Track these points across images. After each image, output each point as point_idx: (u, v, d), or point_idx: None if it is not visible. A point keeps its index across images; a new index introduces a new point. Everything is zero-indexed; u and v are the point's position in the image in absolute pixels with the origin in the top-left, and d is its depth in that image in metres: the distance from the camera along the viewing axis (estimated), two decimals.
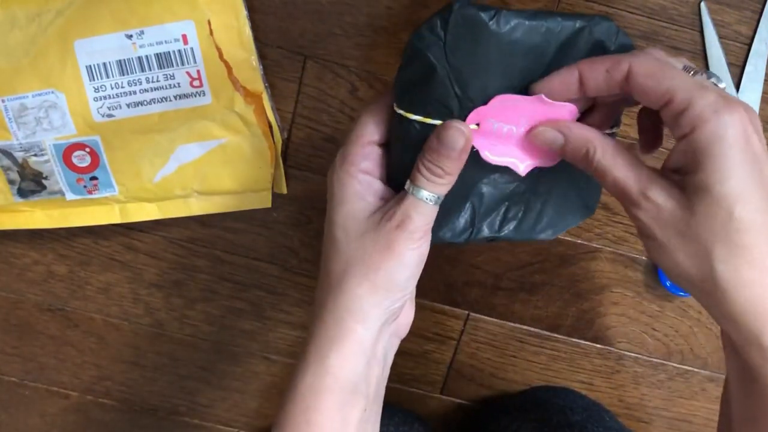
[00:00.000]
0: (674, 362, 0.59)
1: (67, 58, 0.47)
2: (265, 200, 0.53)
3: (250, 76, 0.49)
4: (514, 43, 0.37)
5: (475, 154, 0.39)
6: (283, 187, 0.53)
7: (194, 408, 0.64)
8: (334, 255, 0.39)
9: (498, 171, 0.40)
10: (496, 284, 0.57)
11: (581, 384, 0.61)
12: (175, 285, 0.58)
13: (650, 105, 0.35)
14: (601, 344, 0.59)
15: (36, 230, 0.55)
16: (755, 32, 0.47)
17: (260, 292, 0.58)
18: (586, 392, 0.61)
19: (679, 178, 0.35)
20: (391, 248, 0.37)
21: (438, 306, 0.58)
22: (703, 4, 0.47)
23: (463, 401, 0.63)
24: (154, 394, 0.64)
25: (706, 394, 0.60)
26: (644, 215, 0.35)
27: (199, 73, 0.47)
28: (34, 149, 0.49)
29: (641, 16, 0.47)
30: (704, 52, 0.48)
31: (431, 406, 0.63)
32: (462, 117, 0.38)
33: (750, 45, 0.48)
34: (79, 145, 0.49)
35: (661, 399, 0.61)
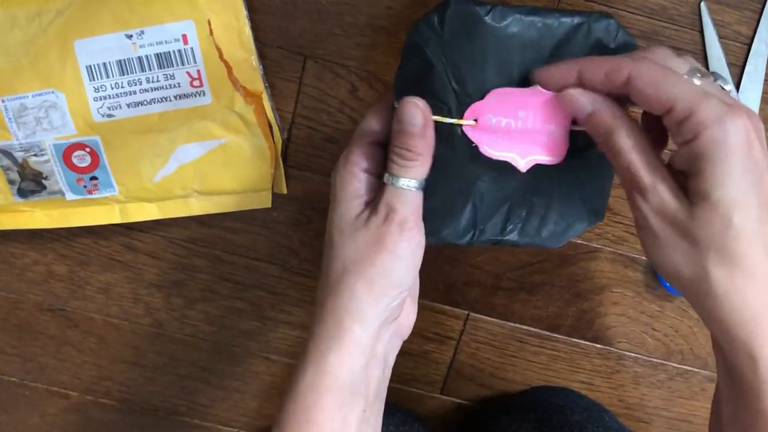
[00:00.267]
0: (674, 362, 0.59)
1: (67, 58, 0.47)
2: (265, 200, 0.53)
3: (250, 76, 0.49)
4: (511, 39, 0.37)
5: (474, 150, 0.38)
6: (283, 187, 0.53)
7: (194, 408, 0.64)
8: (331, 254, 0.39)
9: (499, 169, 0.39)
10: (496, 284, 0.57)
11: (581, 384, 0.61)
12: (175, 285, 0.58)
13: (651, 111, 0.35)
14: (601, 344, 0.59)
15: (36, 230, 0.55)
16: (755, 32, 0.47)
17: (260, 292, 0.58)
18: (586, 392, 0.61)
19: (683, 180, 0.35)
20: (382, 243, 0.37)
21: (438, 306, 0.58)
22: (703, 4, 0.47)
23: (463, 401, 0.63)
24: (154, 394, 0.63)
25: (706, 394, 0.60)
26: (648, 207, 0.35)
27: (199, 73, 0.47)
28: (34, 149, 0.49)
29: (641, 16, 0.47)
30: (704, 52, 0.48)
31: (431, 406, 0.63)
32: (460, 112, 0.38)
33: (750, 45, 0.48)
34: (79, 145, 0.49)
35: (661, 399, 0.61)
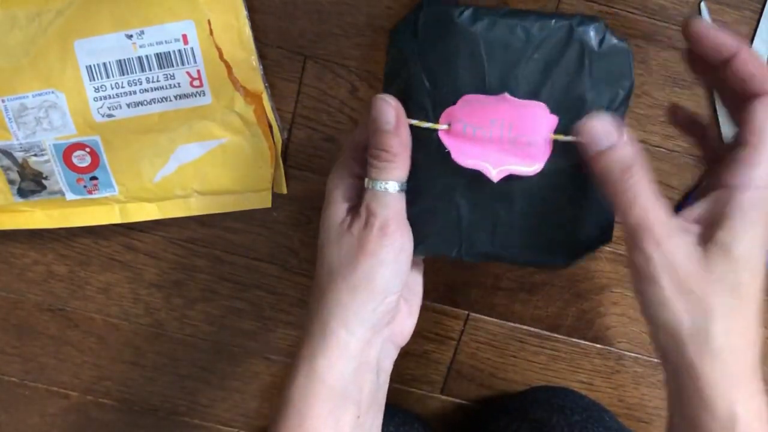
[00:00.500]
0: None
1: (67, 58, 0.47)
2: (265, 200, 0.53)
3: (250, 76, 0.49)
4: (486, 41, 0.36)
5: (449, 158, 0.38)
6: (283, 187, 0.53)
7: (194, 408, 0.64)
8: (318, 259, 0.39)
9: (477, 178, 0.38)
10: (496, 284, 0.57)
11: (581, 384, 0.61)
12: (175, 285, 0.58)
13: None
14: (601, 344, 0.59)
15: (36, 230, 0.55)
16: (755, 32, 0.47)
17: (260, 292, 0.58)
18: (586, 392, 0.61)
19: (698, 230, 0.34)
20: (364, 248, 0.36)
21: (438, 306, 0.58)
22: (703, 4, 0.47)
23: (463, 401, 0.63)
24: (154, 394, 0.64)
25: None
26: (659, 257, 0.33)
27: (199, 73, 0.47)
28: (34, 149, 0.49)
29: (641, 16, 0.47)
30: None
31: (431, 406, 0.63)
32: (436, 116, 0.37)
33: (750, 45, 0.48)
34: (79, 145, 0.49)
35: (661, 399, 0.61)
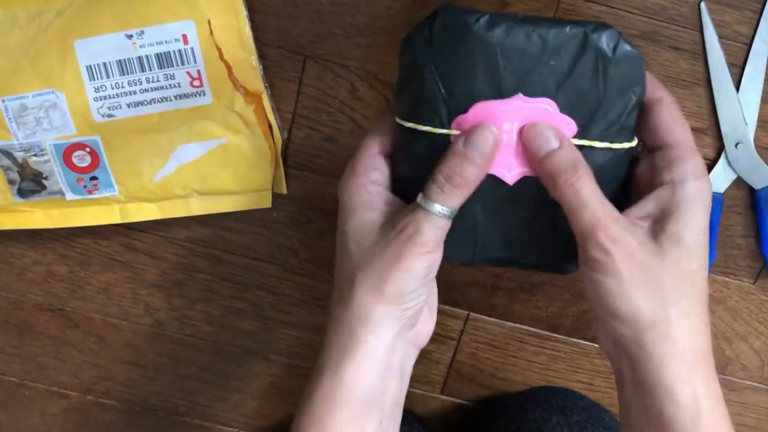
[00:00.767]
0: None
1: (67, 58, 0.47)
2: (265, 200, 0.53)
3: (250, 76, 0.49)
4: (501, 47, 0.36)
5: None
6: (283, 187, 0.53)
7: (194, 408, 0.64)
8: (345, 265, 0.39)
9: (492, 184, 0.38)
10: (496, 284, 0.57)
11: (581, 384, 0.61)
12: (175, 285, 0.58)
13: (654, 140, 0.38)
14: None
15: (36, 230, 0.55)
16: (755, 32, 0.47)
17: (260, 292, 0.58)
18: (586, 392, 0.61)
19: (647, 225, 0.37)
20: (400, 260, 0.36)
21: (438, 306, 0.58)
22: (703, 4, 0.47)
23: (463, 401, 0.63)
24: (154, 394, 0.63)
25: None
26: (617, 250, 0.35)
27: (199, 72, 0.47)
28: (34, 149, 0.49)
29: (641, 16, 0.47)
30: (704, 52, 0.48)
31: (431, 406, 0.63)
32: (450, 122, 0.37)
33: (750, 45, 0.48)
34: (79, 145, 0.49)
35: None
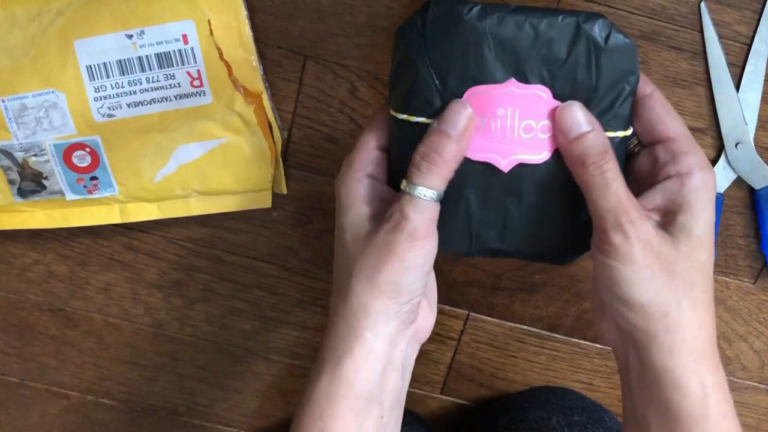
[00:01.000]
0: None
1: (68, 58, 0.47)
2: (265, 200, 0.53)
3: (250, 76, 0.49)
4: (494, 37, 0.36)
5: None
6: (283, 187, 0.53)
7: (194, 408, 0.64)
8: (342, 260, 0.39)
9: (487, 173, 0.38)
10: (496, 284, 0.57)
11: (581, 384, 0.61)
12: (175, 285, 0.58)
13: (652, 135, 0.38)
14: (601, 344, 0.59)
15: (36, 230, 0.55)
16: (755, 32, 0.47)
17: (260, 292, 0.58)
18: (586, 392, 0.61)
19: (657, 218, 0.37)
20: (392, 250, 0.36)
21: (438, 306, 0.58)
22: (703, 4, 0.47)
23: (463, 401, 0.63)
24: (154, 394, 0.63)
25: None
26: (636, 236, 0.35)
27: (199, 72, 0.47)
28: (34, 149, 0.49)
29: (641, 16, 0.47)
30: (704, 52, 0.48)
31: (431, 406, 0.63)
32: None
33: (750, 45, 0.48)
34: (79, 145, 0.49)
35: None
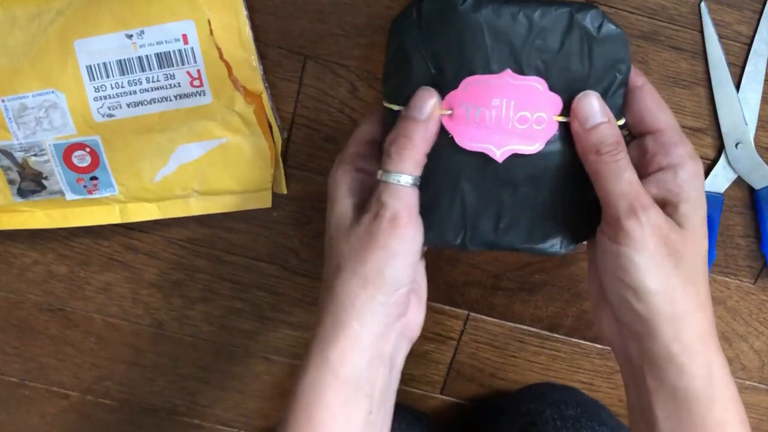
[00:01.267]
0: None
1: (68, 58, 0.47)
2: (265, 200, 0.53)
3: (250, 76, 0.49)
4: (489, 27, 0.37)
5: (453, 144, 0.38)
6: (283, 187, 0.53)
7: (194, 408, 0.64)
8: (331, 254, 0.39)
9: (484, 161, 0.39)
10: (496, 284, 0.57)
11: (581, 384, 0.61)
12: (175, 285, 0.58)
13: (641, 125, 0.39)
14: (601, 344, 0.59)
15: (36, 230, 0.55)
16: (755, 32, 0.47)
17: (260, 292, 0.58)
18: (587, 392, 0.61)
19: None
20: (374, 239, 0.36)
21: (438, 306, 0.58)
22: (703, 4, 0.47)
23: (463, 401, 0.63)
24: (154, 394, 0.63)
25: None
26: (648, 222, 0.35)
27: (199, 72, 0.47)
28: (34, 149, 0.49)
29: (641, 15, 0.47)
30: (704, 52, 0.48)
31: (431, 406, 0.63)
32: (439, 102, 0.38)
33: (750, 45, 0.48)
34: (79, 145, 0.49)
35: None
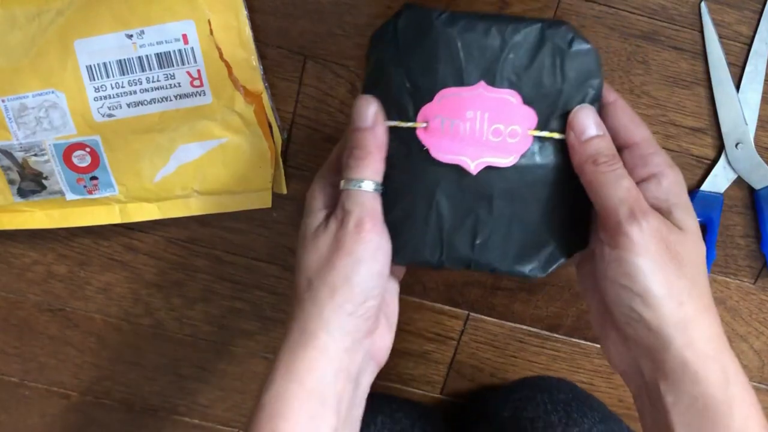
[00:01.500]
0: None
1: (68, 58, 0.47)
2: (265, 200, 0.53)
3: (250, 76, 0.49)
4: (462, 42, 0.37)
5: (428, 156, 0.38)
6: (283, 187, 0.53)
7: (194, 408, 0.64)
8: (301, 266, 0.39)
9: (459, 175, 0.38)
10: (496, 284, 0.57)
11: (581, 384, 0.61)
12: (175, 285, 0.58)
13: (618, 138, 0.39)
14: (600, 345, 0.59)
15: (36, 230, 0.55)
16: (755, 32, 0.47)
17: (260, 292, 0.58)
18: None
19: None
20: (340, 245, 0.37)
21: (438, 306, 0.58)
22: (703, 4, 0.47)
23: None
24: (154, 394, 0.63)
25: None
26: (648, 226, 0.36)
27: (199, 72, 0.47)
28: (34, 149, 0.49)
29: (641, 16, 0.47)
30: (704, 52, 0.48)
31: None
32: (415, 116, 0.38)
33: (750, 45, 0.48)
34: (79, 145, 0.49)
35: None
